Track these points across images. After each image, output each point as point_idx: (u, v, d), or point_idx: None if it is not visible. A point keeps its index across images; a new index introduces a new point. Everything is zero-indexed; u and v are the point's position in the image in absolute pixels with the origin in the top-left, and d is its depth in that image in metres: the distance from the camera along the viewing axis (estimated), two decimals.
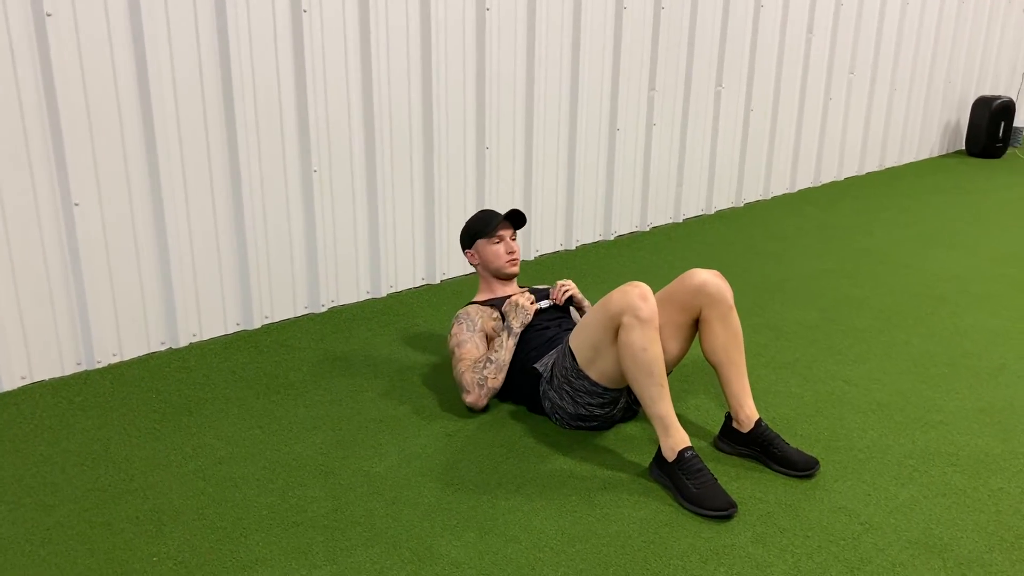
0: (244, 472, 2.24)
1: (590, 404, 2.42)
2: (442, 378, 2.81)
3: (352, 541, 1.97)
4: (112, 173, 2.73)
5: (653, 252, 4.20)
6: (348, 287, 3.43)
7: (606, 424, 2.49)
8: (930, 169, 6.37)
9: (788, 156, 5.37)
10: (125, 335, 2.88)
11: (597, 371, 2.35)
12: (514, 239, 2.81)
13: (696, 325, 2.45)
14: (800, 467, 2.26)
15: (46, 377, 2.75)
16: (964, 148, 7.01)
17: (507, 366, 2.56)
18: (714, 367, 2.40)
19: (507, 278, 2.80)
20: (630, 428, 2.51)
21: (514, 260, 2.77)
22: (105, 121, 2.67)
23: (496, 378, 2.54)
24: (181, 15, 2.75)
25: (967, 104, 6.99)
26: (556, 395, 2.47)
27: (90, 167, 2.67)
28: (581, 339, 2.35)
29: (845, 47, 5.49)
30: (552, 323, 2.67)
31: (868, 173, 6.13)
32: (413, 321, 3.28)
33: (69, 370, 2.79)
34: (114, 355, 2.87)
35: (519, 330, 2.59)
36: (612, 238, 4.41)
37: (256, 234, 3.10)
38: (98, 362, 2.83)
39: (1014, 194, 5.59)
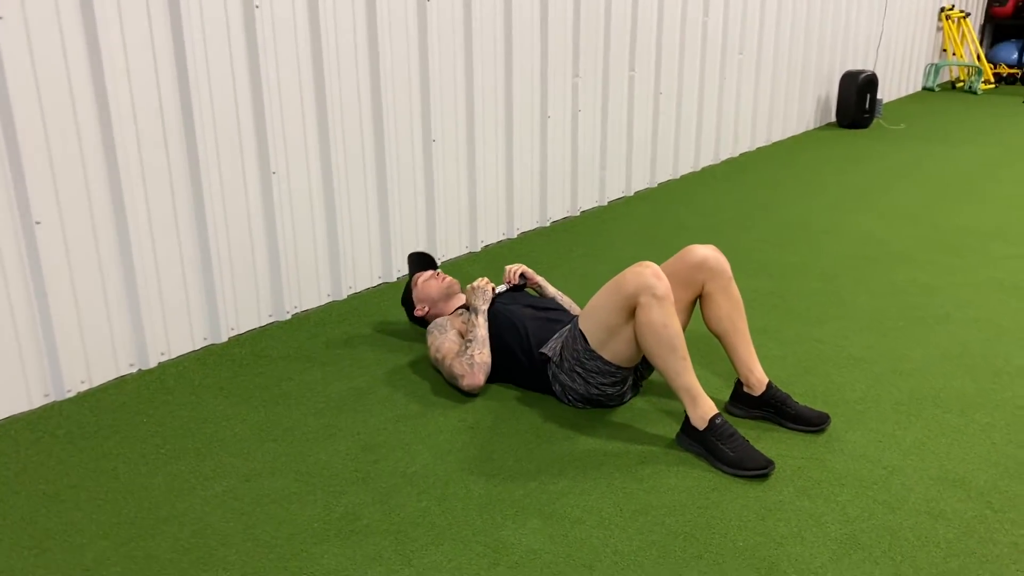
0: (277, 487, 2.15)
1: (602, 384, 2.46)
2: (437, 374, 2.78)
3: (419, 542, 1.93)
4: (72, 188, 2.53)
5: (592, 235, 4.28)
6: (310, 292, 3.32)
7: (617, 402, 2.54)
8: (810, 141, 6.79)
9: (692, 136, 5.59)
10: (93, 360, 2.69)
11: (611, 351, 2.39)
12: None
13: (694, 301, 2.54)
14: (814, 422, 2.39)
15: (14, 412, 2.53)
16: (835, 120, 7.51)
17: (487, 341, 2.64)
18: (719, 337, 2.50)
19: (453, 292, 2.92)
20: (639, 403, 2.58)
21: (440, 275, 2.94)
22: (62, 134, 2.48)
23: (482, 352, 2.59)
24: (135, 19, 2.58)
25: (835, 79, 7.50)
26: (567, 378, 2.50)
27: (49, 182, 2.47)
28: (593, 322, 2.39)
29: (735, 29, 5.77)
30: (516, 304, 2.74)
31: (758, 148, 6.47)
32: (383, 320, 3.22)
33: (38, 403, 2.57)
34: (83, 382, 2.67)
35: (485, 307, 2.70)
36: (548, 224, 4.47)
37: (219, 243, 2.95)
38: (68, 391, 2.62)
39: (889, 160, 6.05)
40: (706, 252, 2.48)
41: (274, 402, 2.59)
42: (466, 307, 2.84)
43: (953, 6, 10.07)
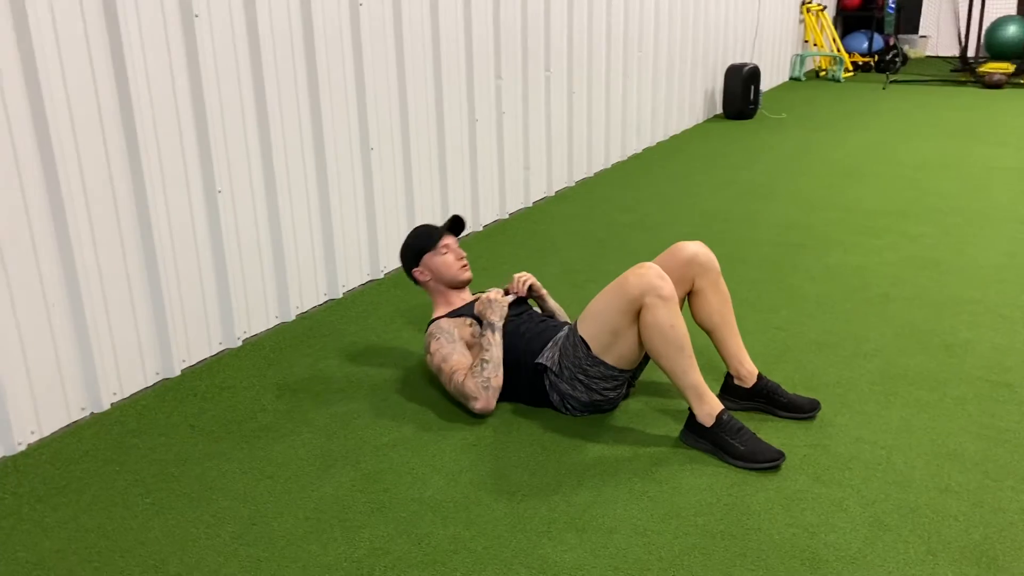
0: (288, 527, 2.02)
1: (605, 388, 2.45)
2: (418, 391, 2.69)
3: (460, 571, 1.86)
4: (13, 222, 2.29)
5: (527, 237, 4.26)
6: (258, 315, 3.15)
7: (613, 405, 2.53)
8: (704, 134, 7.01)
9: (603, 133, 5.66)
10: (42, 408, 2.44)
11: (615, 355, 2.38)
12: (457, 246, 2.76)
13: (684, 297, 2.55)
14: (806, 409, 2.46)
15: None
16: (722, 112, 7.79)
17: (501, 362, 2.52)
18: (709, 332, 2.53)
19: (462, 286, 2.75)
20: (633, 405, 2.58)
21: (465, 265, 2.75)
22: (2, 171, 2.24)
23: (497, 376, 2.49)
24: (71, 32, 2.36)
25: (719, 72, 7.78)
26: (568, 386, 2.47)
27: None
28: (597, 326, 2.37)
29: (634, 27, 5.88)
30: (519, 317, 2.66)
31: (658, 143, 6.63)
32: (341, 340, 3.09)
33: None
34: (32, 432, 2.43)
35: (500, 323, 2.55)
36: (481, 228, 4.42)
37: (167, 270, 2.75)
38: (19, 444, 2.37)
39: (782, 148, 6.32)
40: (696, 248, 2.50)
41: (255, 436, 2.43)
42: (474, 318, 2.66)
43: (812, 0, 10.65)
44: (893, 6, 9.45)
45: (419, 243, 2.74)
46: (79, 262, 2.46)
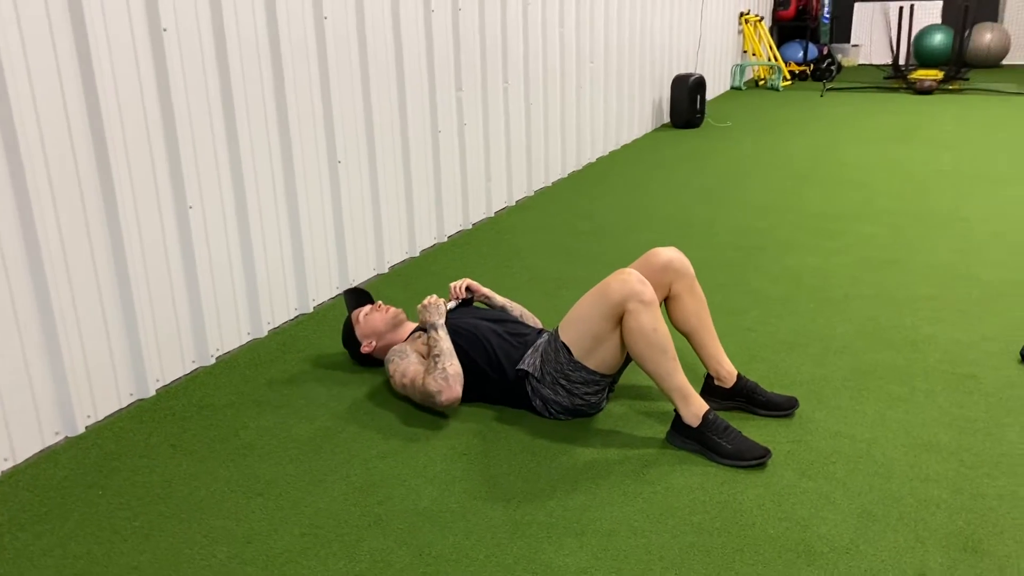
0: (285, 544, 1.99)
1: (587, 393, 2.48)
2: (401, 403, 2.68)
3: None
4: None
5: (492, 246, 4.28)
6: (230, 332, 3.10)
7: (596, 409, 2.56)
8: (654, 142, 7.13)
9: (559, 144, 5.72)
10: (16, 433, 2.37)
11: (596, 360, 2.41)
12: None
13: (661, 302, 2.60)
14: (785, 407, 2.52)
15: None
16: (669, 121, 7.93)
17: (453, 352, 2.56)
18: (687, 335, 2.58)
19: (399, 324, 2.86)
20: (615, 408, 2.61)
21: (381, 306, 2.87)
22: None
23: (452, 364, 2.52)
24: (40, 49, 2.31)
25: (666, 83, 7.92)
26: (550, 391, 2.49)
27: None
28: (578, 332, 2.40)
29: (585, 38, 5.96)
30: (471, 317, 2.71)
31: (611, 152, 6.72)
32: (317, 354, 3.06)
33: None
34: (6, 459, 2.35)
35: (442, 321, 2.64)
36: (446, 239, 4.42)
37: (139, 287, 2.69)
38: None
39: (730, 155, 6.47)
40: (671, 254, 2.55)
41: (240, 454, 2.40)
42: (421, 329, 2.76)
43: (749, 11, 10.92)
44: (828, 17, 9.76)
45: (347, 331, 2.90)
46: (51, 283, 2.40)
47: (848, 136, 7.11)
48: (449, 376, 2.49)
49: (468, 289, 2.88)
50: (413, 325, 2.87)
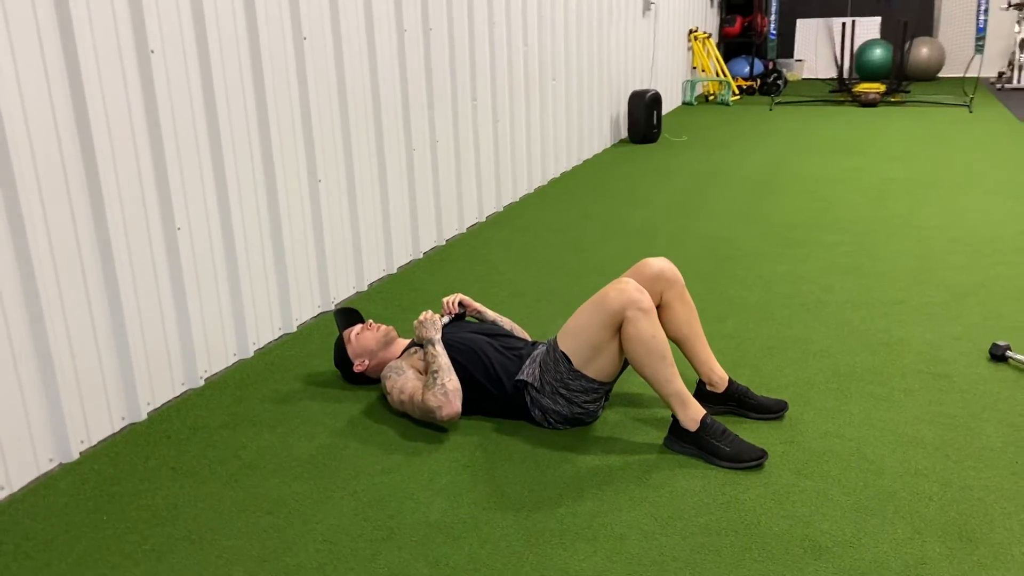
0: (302, 561, 2.00)
1: (586, 402, 2.53)
2: (398, 418, 2.70)
3: None
4: None
5: (469, 262, 4.32)
6: (218, 353, 3.08)
7: (593, 417, 2.61)
8: (615, 157, 7.25)
9: (525, 159, 5.79)
10: (11, 461, 2.33)
11: (595, 368, 2.47)
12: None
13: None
14: (775, 410, 2.61)
15: None
16: (627, 136, 8.07)
17: (451, 367, 2.60)
18: (679, 343, 2.65)
19: (391, 342, 2.88)
20: (611, 416, 2.66)
21: (372, 324, 2.90)
22: None
23: (451, 379, 2.55)
24: (31, 71, 2.29)
25: (623, 99, 8.06)
26: (550, 401, 2.54)
27: None
28: (577, 341, 2.45)
29: (547, 56, 6.06)
30: (465, 332, 2.74)
31: (574, 168, 6.82)
32: (306, 372, 3.06)
33: None
34: (2, 488, 2.31)
35: (438, 336, 2.66)
36: (422, 256, 4.45)
37: (130, 309, 2.67)
38: None
39: (690, 168, 6.61)
40: (662, 264, 2.62)
41: (243, 474, 2.39)
42: (417, 344, 2.78)
43: (697, 28, 11.18)
44: (775, 33, 10.06)
45: (338, 351, 2.91)
46: (44, 305, 2.37)
47: (801, 148, 7.33)
48: (449, 391, 2.52)
49: (460, 304, 2.92)
50: (405, 342, 2.90)
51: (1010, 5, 10.92)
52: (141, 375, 2.73)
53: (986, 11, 8.85)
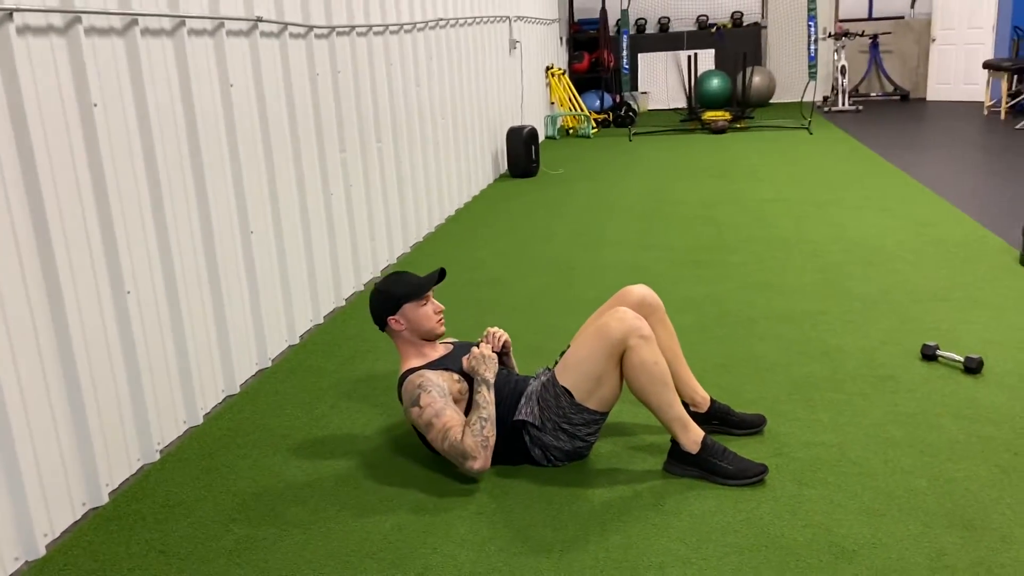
0: None
1: (588, 434, 2.54)
2: (386, 472, 2.61)
3: None
4: None
5: None
6: (169, 424, 2.87)
7: (589, 450, 2.62)
8: (502, 192, 7.34)
9: (425, 199, 5.77)
10: None
11: (597, 400, 2.49)
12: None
13: None
14: (756, 424, 2.72)
15: None
16: (507, 171, 8.19)
17: (495, 419, 2.51)
18: None
19: (435, 339, 2.73)
20: (604, 448, 2.68)
21: (442, 319, 2.73)
22: None
23: (494, 435, 2.48)
24: None
25: (500, 135, 8.19)
26: (552, 438, 2.53)
27: None
28: (579, 374, 2.46)
29: (436, 95, 6.08)
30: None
31: (466, 204, 6.85)
32: (264, 435, 2.89)
33: None
34: None
35: (493, 380, 2.55)
36: (344, 303, 4.32)
37: (85, 387, 2.45)
38: None
39: (578, 200, 6.78)
40: (643, 291, 2.69)
41: (244, 548, 2.23)
42: (460, 371, 2.60)
43: (553, 64, 11.54)
44: (628, 68, 10.56)
45: (401, 290, 2.65)
46: (5, 387, 2.14)
47: (671, 175, 7.68)
48: (489, 447, 2.44)
49: (504, 345, 2.73)
50: (439, 348, 2.73)
51: (829, 35, 11.97)
52: (100, 453, 2.51)
53: (816, 41, 9.64)
